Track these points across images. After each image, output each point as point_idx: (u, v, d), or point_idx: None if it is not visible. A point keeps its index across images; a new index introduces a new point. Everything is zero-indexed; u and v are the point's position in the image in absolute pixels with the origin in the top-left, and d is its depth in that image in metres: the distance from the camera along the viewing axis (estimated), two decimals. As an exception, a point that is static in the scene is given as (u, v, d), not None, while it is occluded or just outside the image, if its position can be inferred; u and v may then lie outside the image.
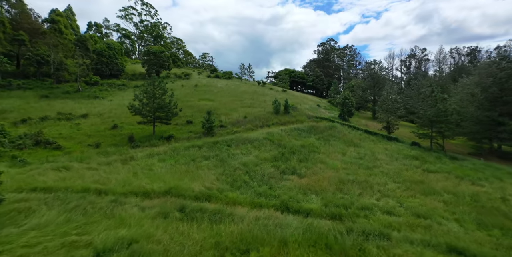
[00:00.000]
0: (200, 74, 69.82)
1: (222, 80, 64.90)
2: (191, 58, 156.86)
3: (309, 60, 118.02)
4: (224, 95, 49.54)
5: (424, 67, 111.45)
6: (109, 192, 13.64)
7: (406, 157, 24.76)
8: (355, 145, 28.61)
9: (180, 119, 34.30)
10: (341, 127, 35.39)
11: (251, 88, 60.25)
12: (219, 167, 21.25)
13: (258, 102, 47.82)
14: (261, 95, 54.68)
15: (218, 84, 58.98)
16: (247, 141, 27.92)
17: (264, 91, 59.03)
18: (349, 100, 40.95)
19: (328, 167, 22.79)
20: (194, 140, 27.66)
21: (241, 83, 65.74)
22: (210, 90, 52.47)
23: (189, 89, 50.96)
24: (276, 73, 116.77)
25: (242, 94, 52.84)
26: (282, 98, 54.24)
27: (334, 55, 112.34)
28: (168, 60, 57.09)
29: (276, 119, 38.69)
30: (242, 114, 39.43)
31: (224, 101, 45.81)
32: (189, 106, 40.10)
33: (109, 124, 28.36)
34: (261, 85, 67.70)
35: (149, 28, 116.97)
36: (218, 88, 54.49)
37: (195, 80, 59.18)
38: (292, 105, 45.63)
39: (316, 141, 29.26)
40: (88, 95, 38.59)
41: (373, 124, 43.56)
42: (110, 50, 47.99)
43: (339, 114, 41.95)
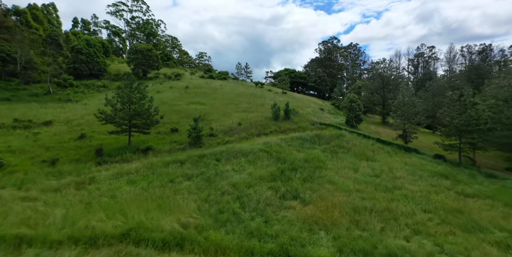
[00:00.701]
0: (193, 74, 66.35)
1: (216, 81, 61.42)
2: (187, 58, 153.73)
3: (310, 60, 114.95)
4: (217, 98, 45.99)
5: (433, 67, 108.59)
6: (36, 241, 9.95)
7: (432, 175, 21.16)
8: (368, 158, 25.00)
9: (164, 127, 30.67)
10: (350, 135, 31.81)
11: (248, 90, 56.72)
12: (203, 191, 17.59)
13: (255, 106, 44.27)
14: (258, 97, 51.15)
15: (211, 85, 55.45)
16: (240, 154, 24.30)
17: (262, 93, 55.52)
18: (356, 103, 37.45)
19: (338, 188, 19.18)
20: (176, 153, 24.00)
21: (237, 85, 62.22)
22: (202, 92, 48.93)
23: (179, 91, 47.42)
24: (275, 73, 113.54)
25: (237, 96, 49.30)
26: (282, 101, 50.78)
27: (337, 54, 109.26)
28: (157, 59, 53.60)
29: (275, 126, 35.10)
30: (237, 120, 35.83)
31: (216, 104, 42.23)
32: (176, 110, 36.50)
33: (76, 133, 24.73)
34: (259, 87, 64.22)
35: (141, 25, 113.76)
36: (211, 90, 50.96)
37: (187, 81, 55.66)
38: (293, 110, 42.12)
39: (321, 154, 25.65)
40: (59, 98, 34.94)
41: (384, 130, 40.03)
42: (90, 47, 44.49)
43: (346, 120, 38.41)
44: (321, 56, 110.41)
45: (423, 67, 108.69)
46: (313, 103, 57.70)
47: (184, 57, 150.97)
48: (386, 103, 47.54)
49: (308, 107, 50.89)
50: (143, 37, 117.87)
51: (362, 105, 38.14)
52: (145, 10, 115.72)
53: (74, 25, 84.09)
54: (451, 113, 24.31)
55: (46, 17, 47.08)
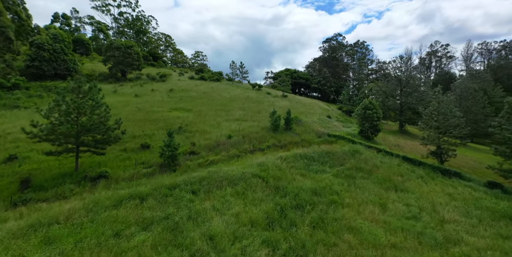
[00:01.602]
0: (182, 75, 60.99)
1: (208, 83, 56.02)
2: (182, 57, 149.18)
3: (313, 59, 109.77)
4: (206, 103, 40.53)
5: (447, 66, 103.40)
6: None
7: (496, 217, 15.57)
8: (397, 187, 19.43)
9: (133, 142, 25.14)
10: (367, 151, 26.29)
11: (243, 93, 51.32)
12: (161, 253, 11.99)
13: (250, 113, 38.86)
14: (255, 102, 45.75)
15: (201, 88, 50.04)
16: (226, 182, 18.75)
17: (259, 97, 50.12)
18: (373, 110, 31.98)
19: (363, 241, 13.68)
20: (139, 182, 18.41)
21: (231, 87, 56.84)
22: (189, 96, 43.49)
23: (161, 94, 41.97)
24: (276, 73, 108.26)
25: (230, 101, 43.86)
26: (283, 106, 45.42)
27: (343, 52, 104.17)
28: (139, 57, 48.25)
29: (273, 139, 29.60)
30: (227, 131, 30.34)
31: (204, 111, 36.75)
32: (153, 119, 30.99)
33: (4, 154, 19.17)
34: (256, 89, 58.85)
35: (130, 21, 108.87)
36: (200, 94, 45.53)
37: (173, 83, 50.29)
38: (296, 118, 36.72)
39: (334, 180, 20.10)
40: (5, 103, 29.37)
41: (405, 142, 34.50)
42: (57, 42, 39.07)
43: (359, 130, 32.89)
44: (325, 55, 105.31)
45: (436, 66, 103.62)
46: (318, 108, 52.30)
47: (179, 57, 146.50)
48: (404, 108, 42.07)
49: (313, 113, 45.44)
50: (133, 35, 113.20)
51: (380, 113, 32.66)
52: (134, 5, 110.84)
53: (54, 20, 78.83)
54: (510, 126, 18.85)
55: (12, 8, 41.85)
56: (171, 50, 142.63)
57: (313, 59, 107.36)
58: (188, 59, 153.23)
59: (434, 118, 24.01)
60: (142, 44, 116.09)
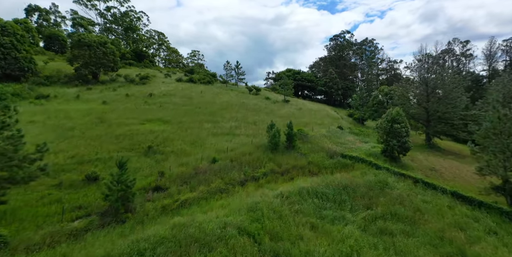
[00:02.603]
0: (169, 76, 54.81)
1: (197, 86, 49.82)
2: (177, 56, 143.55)
3: (318, 59, 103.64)
4: (190, 112, 34.28)
5: (465, 65, 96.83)
6: None
7: None
8: (464, 254, 12.93)
9: (76, 171, 18.87)
10: (400, 183, 19.92)
11: (237, 99, 45.09)
12: None
13: (244, 125, 32.65)
14: (251, 110, 39.50)
15: (188, 92, 43.83)
16: (195, 247, 12.35)
17: (256, 103, 43.89)
18: (401, 124, 25.63)
19: None
20: (58, 250, 12.04)
21: (224, 91, 50.66)
22: (171, 102, 37.26)
23: (137, 101, 35.75)
24: (277, 74, 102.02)
25: (221, 109, 37.60)
26: (284, 115, 39.11)
27: (350, 51, 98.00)
28: (114, 56, 42.12)
29: (272, 163, 23.30)
30: (211, 151, 24.09)
31: (187, 123, 30.50)
32: (116, 136, 24.70)
33: None
34: (254, 93, 52.67)
35: (118, 17, 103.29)
36: (185, 100, 39.30)
37: (155, 86, 44.09)
38: (300, 131, 30.45)
39: (362, 239, 13.70)
40: None
41: (441, 163, 28.05)
42: (5, 36, 32.83)
43: (382, 149, 26.51)
44: (331, 53, 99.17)
45: (451, 66, 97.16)
46: (326, 116, 46.03)
47: (174, 56, 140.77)
48: (432, 118, 35.66)
49: (320, 123, 39.12)
50: (121, 32, 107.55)
51: (409, 127, 26.31)
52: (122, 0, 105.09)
53: (28, 14, 72.76)
54: None
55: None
56: (165, 49, 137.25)
57: (318, 59, 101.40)
58: (184, 59, 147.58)
59: (494, 138, 17.67)
60: (132, 42, 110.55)
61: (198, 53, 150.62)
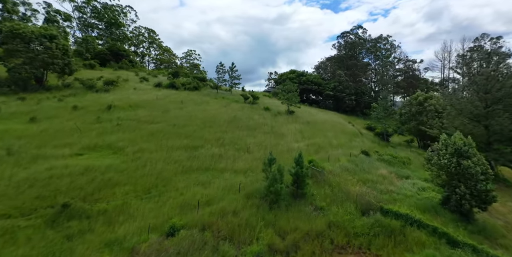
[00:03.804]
0: (145, 80, 46.26)
1: (179, 93, 41.25)
2: (170, 56, 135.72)
3: (324, 58, 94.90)
4: (157, 134, 25.60)
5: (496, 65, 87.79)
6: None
7: None
8: None
9: None
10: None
11: (228, 111, 36.49)
12: None
13: (232, 153, 24.11)
14: (244, 128, 30.91)
15: (164, 102, 35.21)
16: None
17: (252, 117, 35.27)
18: (473, 159, 16.95)
19: None
20: None
21: (213, 99, 42.09)
22: (135, 118, 28.64)
23: (86, 116, 27.12)
24: (279, 75, 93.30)
25: (204, 128, 28.96)
26: (288, 133, 30.58)
27: (363, 49, 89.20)
28: (66, 54, 33.57)
29: (270, 231, 14.81)
30: (172, 207, 15.47)
31: (148, 152, 21.83)
32: (17, 182, 15.98)
33: None
34: (250, 102, 44.07)
35: (99, 11, 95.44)
36: (155, 114, 30.65)
37: (122, 94, 35.51)
38: (313, 163, 21.86)
39: None
40: None
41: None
42: None
43: (443, 198, 17.77)
44: (340, 52, 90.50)
45: (481, 66, 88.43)
46: (342, 132, 37.42)
47: (167, 55, 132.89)
48: (495, 139, 26.83)
49: (337, 144, 30.56)
50: (103, 28, 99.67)
51: (485, 163, 17.56)
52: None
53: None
54: None
55: None
56: (156, 48, 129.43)
57: (325, 59, 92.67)
58: (179, 59, 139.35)
59: None
60: (116, 40, 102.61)
61: (194, 53, 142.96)
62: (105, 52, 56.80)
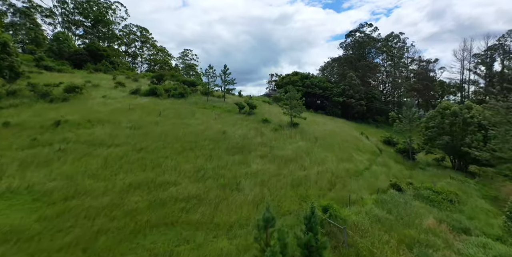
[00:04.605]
0: (121, 86, 39.71)
1: (159, 102, 34.75)
2: (165, 56, 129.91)
3: (331, 59, 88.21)
4: (114, 165, 18.97)
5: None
6: None
7: None
8: None
9: None
10: None
11: (217, 125, 29.92)
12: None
13: (214, 194, 17.41)
14: (235, 150, 24.35)
15: (135, 116, 28.65)
16: None
17: (246, 134, 28.67)
18: None
19: None
20: None
21: (200, 109, 35.56)
22: (89, 140, 22.03)
23: (19, 139, 20.51)
24: (281, 77, 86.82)
25: (181, 152, 22.35)
26: (291, 155, 24.12)
27: (372, 49, 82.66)
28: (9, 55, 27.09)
29: None
30: None
31: (92, 198, 15.19)
32: None
33: None
34: (245, 112, 37.49)
35: (83, 6, 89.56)
36: (122, 133, 24.07)
37: (83, 104, 28.98)
38: (328, 211, 15.22)
39: None
40: None
41: None
42: None
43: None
44: (348, 52, 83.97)
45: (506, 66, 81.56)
46: (357, 150, 30.99)
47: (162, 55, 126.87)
48: None
49: (354, 170, 24.07)
50: (89, 25, 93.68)
51: None
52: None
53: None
54: None
55: None
56: (149, 47, 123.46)
57: (330, 59, 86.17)
58: (175, 59, 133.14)
59: None
60: (104, 39, 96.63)
61: (190, 53, 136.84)
62: (81, 52, 50.41)
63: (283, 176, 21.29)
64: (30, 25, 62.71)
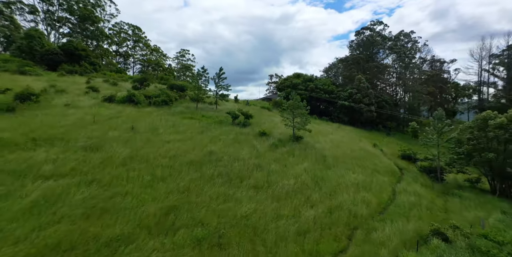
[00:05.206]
0: (93, 91, 34.37)
1: (136, 111, 29.48)
2: (160, 56, 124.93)
3: (337, 60, 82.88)
4: (46, 210, 13.55)
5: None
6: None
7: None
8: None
9: None
10: None
11: (203, 141, 24.64)
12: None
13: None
14: (222, 180, 18.86)
15: (98, 132, 23.34)
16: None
17: (239, 154, 23.41)
18: None
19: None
20: None
21: (185, 120, 30.25)
22: (19, 169, 16.65)
23: None
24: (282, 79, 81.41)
25: (150, 186, 16.89)
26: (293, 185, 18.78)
27: (381, 49, 77.35)
28: None
29: None
30: None
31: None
32: None
33: None
34: (240, 123, 32.26)
35: (69, 3, 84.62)
36: (67, 156, 18.71)
37: (35, 116, 23.72)
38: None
39: None
40: None
41: None
42: None
43: None
44: (354, 53, 78.73)
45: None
46: (374, 172, 25.71)
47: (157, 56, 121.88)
48: None
49: (377, 206, 19.09)
50: (75, 22, 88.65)
51: None
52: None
53: None
54: None
55: None
56: (142, 47, 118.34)
57: (338, 60, 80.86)
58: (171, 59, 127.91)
59: None
60: (91, 38, 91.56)
61: (187, 53, 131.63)
62: (55, 51, 45.12)
63: (284, 219, 15.92)
64: (4, 22, 57.54)
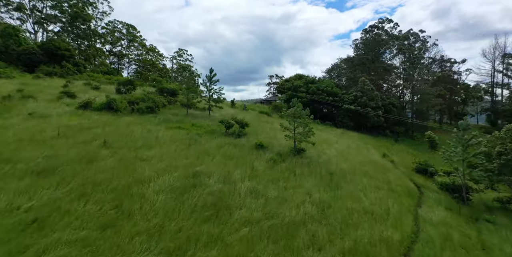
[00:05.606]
0: (69, 97, 30.70)
1: (113, 121, 25.86)
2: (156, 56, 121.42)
3: (341, 60, 79.42)
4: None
5: None
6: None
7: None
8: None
9: None
10: None
11: (187, 159, 20.88)
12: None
13: None
14: (206, 214, 15.01)
15: (62, 150, 19.76)
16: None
17: (230, 175, 19.56)
18: None
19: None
20: None
21: (172, 130, 26.61)
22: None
23: None
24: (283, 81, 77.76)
25: (112, 227, 13.13)
26: (297, 216, 14.64)
27: (388, 49, 73.66)
28: None
29: None
30: None
31: None
32: None
33: None
34: (233, 133, 28.68)
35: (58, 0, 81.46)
36: (8, 186, 15.07)
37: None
38: None
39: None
40: None
41: None
42: None
43: None
44: (359, 52, 75.14)
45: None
46: (390, 193, 22.39)
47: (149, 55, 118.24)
48: None
49: (399, 244, 14.83)
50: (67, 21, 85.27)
51: None
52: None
53: None
54: None
55: None
56: (137, 47, 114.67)
57: (341, 60, 77.25)
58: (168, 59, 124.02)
59: None
60: (82, 37, 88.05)
61: (185, 53, 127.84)
62: (34, 51, 41.56)
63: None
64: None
